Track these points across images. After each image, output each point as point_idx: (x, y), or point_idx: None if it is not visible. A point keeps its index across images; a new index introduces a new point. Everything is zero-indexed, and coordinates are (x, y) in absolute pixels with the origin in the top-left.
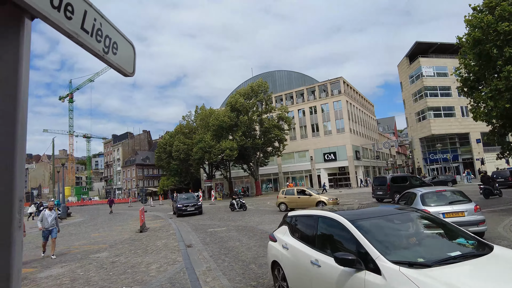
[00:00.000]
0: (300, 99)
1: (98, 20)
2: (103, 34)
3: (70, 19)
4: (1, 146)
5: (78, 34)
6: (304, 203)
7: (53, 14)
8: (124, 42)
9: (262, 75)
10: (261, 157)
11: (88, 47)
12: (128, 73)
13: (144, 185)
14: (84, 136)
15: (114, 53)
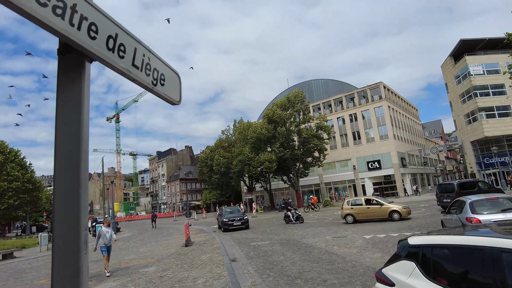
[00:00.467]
0: (339, 107)
1: (146, 55)
2: (152, 68)
3: (123, 58)
4: (68, 183)
5: (130, 71)
6: (374, 214)
7: (109, 56)
8: (170, 73)
9: (298, 85)
10: (301, 168)
11: (139, 82)
12: (175, 101)
13: (187, 199)
14: (130, 153)
15: (162, 84)
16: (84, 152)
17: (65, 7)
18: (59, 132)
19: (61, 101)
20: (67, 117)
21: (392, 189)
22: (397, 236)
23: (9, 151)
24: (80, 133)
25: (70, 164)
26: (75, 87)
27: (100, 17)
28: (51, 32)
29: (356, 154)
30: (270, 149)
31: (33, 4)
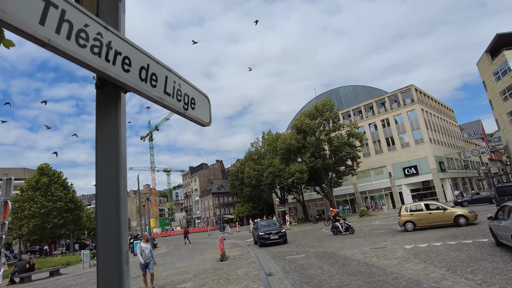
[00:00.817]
0: (370, 113)
1: (177, 81)
2: (182, 93)
3: (155, 87)
4: (109, 209)
5: (162, 98)
6: (437, 220)
7: (142, 86)
8: (200, 96)
9: (326, 93)
10: (334, 178)
11: (171, 108)
12: (205, 123)
13: (221, 212)
14: (164, 170)
15: (192, 108)
16: (122, 175)
17: (101, 45)
18: (99, 158)
19: (100, 130)
20: (106, 145)
21: (431, 195)
22: (455, 243)
23: (53, 173)
24: (119, 157)
25: (111, 189)
26: (112, 117)
27: (132, 51)
28: (90, 70)
29: (391, 160)
30: (300, 159)
31: (74, 47)
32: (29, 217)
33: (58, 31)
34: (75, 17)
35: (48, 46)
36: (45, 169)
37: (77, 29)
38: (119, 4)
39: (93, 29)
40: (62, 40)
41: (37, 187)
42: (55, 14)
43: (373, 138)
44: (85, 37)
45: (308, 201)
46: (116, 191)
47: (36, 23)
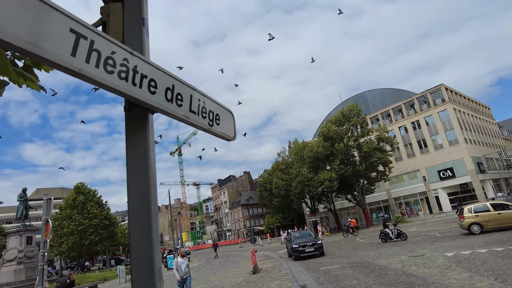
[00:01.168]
0: (399, 116)
1: (201, 99)
2: (207, 110)
3: (181, 106)
4: (141, 224)
5: (188, 116)
6: (509, 220)
7: (168, 106)
8: (224, 112)
9: (352, 98)
10: (366, 185)
11: (197, 125)
12: (231, 137)
13: (251, 224)
14: (193, 184)
15: (217, 124)
16: (153, 192)
17: (128, 70)
18: (130, 177)
19: (130, 150)
20: (136, 164)
21: (471, 199)
22: (502, 250)
23: (88, 191)
24: (148, 175)
25: (142, 206)
26: (141, 137)
27: (157, 73)
28: (118, 94)
29: (425, 164)
30: (329, 167)
31: (103, 74)
32: (68, 235)
33: (88, 61)
34: (103, 46)
35: (79, 75)
36: (81, 188)
37: (105, 56)
38: (143, 29)
39: (119, 56)
40: (91, 69)
41: (74, 205)
42: (84, 45)
43: (404, 141)
44: (113, 64)
45: (340, 210)
46: (147, 209)
47: (68, 55)
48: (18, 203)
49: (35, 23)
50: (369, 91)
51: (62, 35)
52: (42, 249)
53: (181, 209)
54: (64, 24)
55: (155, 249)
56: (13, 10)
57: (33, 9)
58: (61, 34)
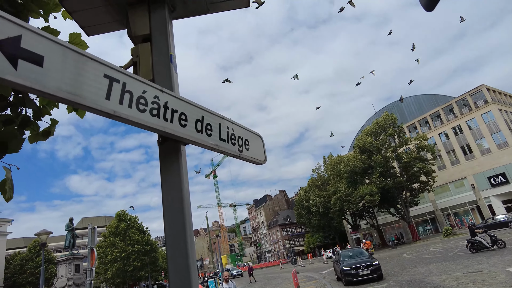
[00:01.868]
0: (438, 122)
1: (230, 127)
2: (236, 137)
3: (210, 136)
4: (178, 252)
5: (218, 145)
6: None
7: (199, 137)
8: (253, 137)
9: (386, 107)
10: (409, 197)
11: (227, 152)
12: (261, 161)
13: (290, 245)
14: (230, 205)
15: (247, 149)
16: (188, 220)
17: (159, 107)
18: (166, 207)
19: (165, 181)
20: (171, 195)
21: None
22: None
23: (129, 218)
24: (183, 204)
25: (178, 233)
26: (175, 168)
27: (187, 106)
28: (151, 130)
29: (472, 170)
30: (368, 180)
31: (136, 113)
32: (112, 261)
33: (121, 102)
34: (134, 86)
35: (114, 116)
36: (122, 215)
37: (136, 96)
38: (171, 66)
39: (150, 94)
40: (125, 109)
41: (117, 232)
42: (117, 88)
43: (446, 148)
44: (144, 102)
45: (383, 225)
46: (183, 237)
47: (103, 99)
48: (66, 232)
49: (74, 74)
50: (404, 99)
51: (97, 81)
52: (89, 277)
53: (219, 231)
54: (99, 71)
55: (193, 275)
56: (56, 64)
57: (72, 62)
58: (96, 81)
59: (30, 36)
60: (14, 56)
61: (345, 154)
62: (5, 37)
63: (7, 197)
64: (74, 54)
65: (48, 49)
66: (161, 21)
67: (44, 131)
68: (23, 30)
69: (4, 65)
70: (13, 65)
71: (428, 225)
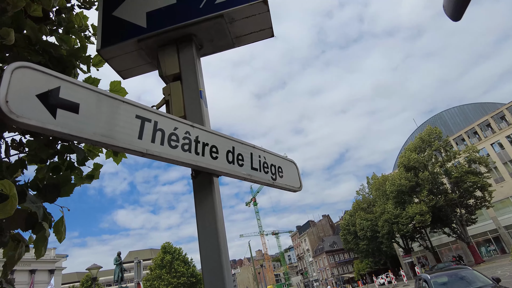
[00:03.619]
0: (488, 131)
1: (262, 155)
2: (269, 165)
3: (242, 166)
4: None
5: (251, 174)
6: None
7: (230, 168)
8: (286, 163)
9: (429, 121)
10: (464, 214)
11: (260, 182)
12: (296, 188)
13: (338, 272)
14: (272, 233)
15: (281, 177)
16: (224, 252)
17: (190, 142)
18: (202, 239)
19: (200, 214)
20: (206, 227)
21: None
22: None
23: (174, 250)
24: (218, 237)
25: (214, 266)
26: (208, 201)
27: (217, 139)
28: (183, 165)
29: None
30: (417, 199)
31: (168, 150)
32: None
33: (153, 140)
34: (166, 124)
35: (147, 155)
36: (167, 247)
37: (168, 133)
38: (201, 101)
39: (181, 130)
40: (157, 147)
41: (162, 265)
42: (149, 127)
43: (502, 159)
44: (176, 139)
45: (438, 246)
46: (220, 269)
47: (135, 139)
48: (115, 266)
49: (108, 117)
50: (447, 111)
51: (130, 122)
52: None
53: (264, 261)
54: (131, 112)
55: None
56: (91, 110)
57: (106, 106)
58: (129, 122)
59: (67, 87)
60: (53, 106)
61: (390, 173)
62: (46, 89)
63: (61, 238)
64: (107, 98)
65: (83, 97)
66: (190, 60)
67: (88, 175)
68: (62, 82)
69: (45, 116)
70: (53, 114)
71: (491, 245)
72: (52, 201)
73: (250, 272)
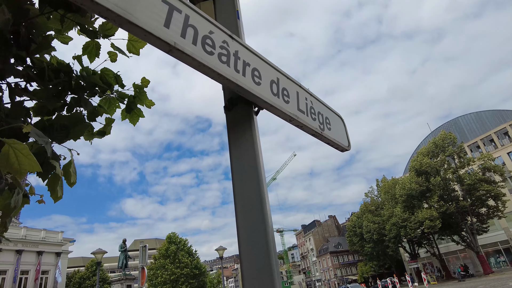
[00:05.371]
0: (506, 140)
1: (308, 98)
2: (316, 111)
3: (288, 103)
4: (258, 247)
5: (297, 116)
6: None
7: (275, 102)
8: (334, 116)
9: (443, 126)
10: (476, 223)
11: (307, 127)
12: (345, 146)
13: (342, 273)
14: (277, 230)
15: (328, 129)
16: (265, 207)
17: (228, 54)
18: (237, 187)
19: (236, 156)
20: (243, 170)
21: None
22: None
23: (179, 241)
24: (259, 184)
25: (254, 223)
26: (247, 139)
27: (260, 62)
28: (220, 80)
29: None
30: (427, 205)
31: (201, 53)
32: (162, 284)
33: (184, 35)
34: (199, 23)
35: (175, 49)
36: (172, 237)
37: (202, 35)
38: (237, 13)
39: (218, 37)
40: (188, 45)
41: (167, 255)
42: (179, 18)
43: None
44: (211, 44)
45: (446, 254)
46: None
47: (161, 26)
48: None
49: None
50: (463, 116)
51: (153, 4)
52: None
53: None
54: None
55: (276, 278)
56: None
57: None
58: (152, 3)
59: None
60: None
61: (400, 176)
62: None
63: (72, 181)
64: None
65: None
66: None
67: (100, 130)
68: None
69: None
70: None
71: (501, 256)
72: (61, 142)
73: None
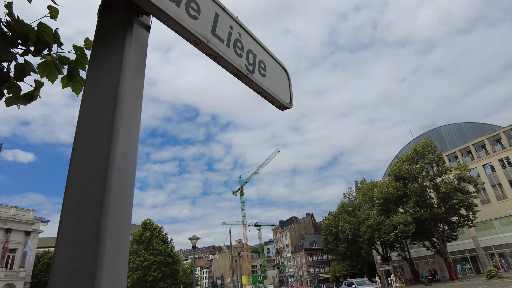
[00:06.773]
0: (482, 152)
1: (236, 29)
2: (244, 48)
3: (196, 19)
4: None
5: (207, 39)
6: None
7: (171, 9)
8: (273, 64)
9: (425, 134)
10: (447, 230)
11: (224, 60)
12: (284, 103)
13: (315, 271)
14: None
15: (262, 75)
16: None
17: None
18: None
19: (91, 83)
20: (96, 97)
21: None
22: None
23: (154, 228)
24: (114, 117)
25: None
26: (117, 62)
27: None
28: None
29: None
30: (402, 209)
31: None
32: (134, 270)
33: None
34: None
35: None
36: (148, 224)
37: None
38: None
39: None
40: None
41: (141, 241)
42: None
43: (491, 181)
44: None
45: (416, 258)
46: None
47: None
48: None
49: None
50: (445, 126)
51: None
52: None
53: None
54: None
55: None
56: None
57: None
58: None
59: None
60: None
61: (379, 180)
62: None
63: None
64: None
65: None
66: None
67: (27, 94)
68: None
69: None
70: None
71: (467, 263)
72: None
73: (228, 260)
